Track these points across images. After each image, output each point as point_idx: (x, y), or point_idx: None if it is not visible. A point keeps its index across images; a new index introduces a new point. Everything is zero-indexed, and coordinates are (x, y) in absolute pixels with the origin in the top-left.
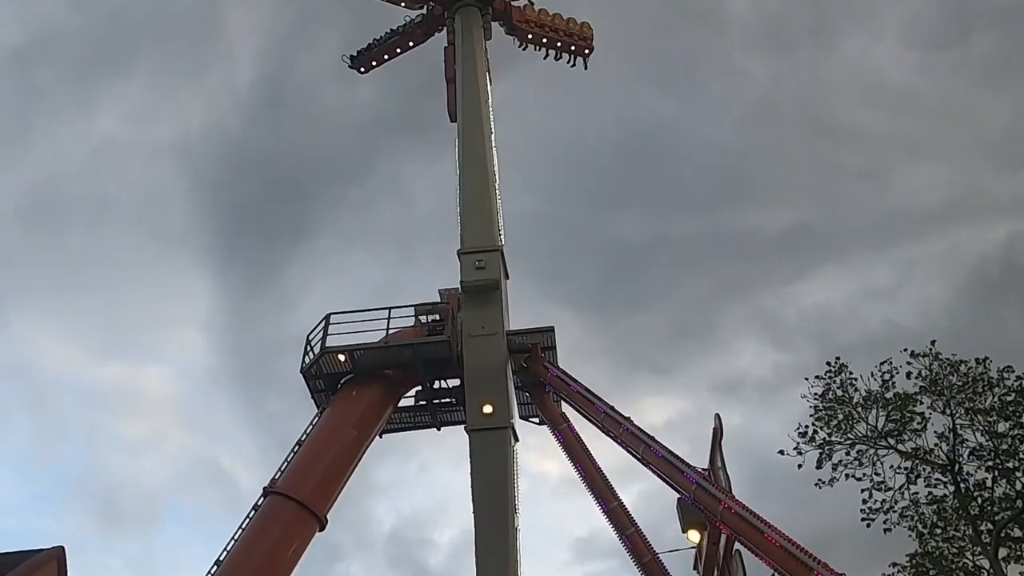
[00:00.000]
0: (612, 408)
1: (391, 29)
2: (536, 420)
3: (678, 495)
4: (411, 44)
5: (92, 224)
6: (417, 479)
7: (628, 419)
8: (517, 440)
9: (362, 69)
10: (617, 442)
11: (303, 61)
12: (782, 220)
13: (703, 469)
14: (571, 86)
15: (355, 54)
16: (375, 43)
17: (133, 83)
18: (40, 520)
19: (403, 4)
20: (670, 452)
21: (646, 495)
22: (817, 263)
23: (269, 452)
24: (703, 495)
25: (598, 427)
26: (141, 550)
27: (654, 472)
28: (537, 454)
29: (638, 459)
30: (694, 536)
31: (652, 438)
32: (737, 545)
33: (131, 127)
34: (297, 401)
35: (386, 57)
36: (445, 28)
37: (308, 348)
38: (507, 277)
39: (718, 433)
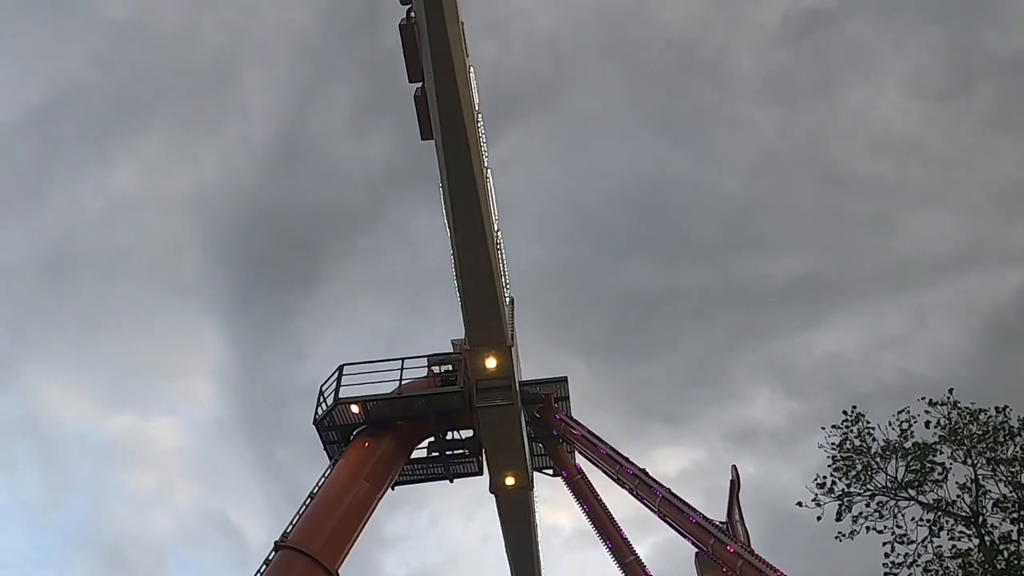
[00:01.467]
0: (627, 459)
1: None
2: (550, 472)
3: (696, 549)
4: None
5: (107, 276)
6: (427, 532)
7: (643, 471)
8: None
9: None
10: (633, 495)
11: (316, 116)
12: (792, 269)
13: (721, 522)
14: (579, 138)
15: None
16: None
17: (151, 138)
18: (46, 570)
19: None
20: (685, 504)
21: (661, 547)
22: (828, 311)
23: (277, 504)
24: (721, 549)
25: (613, 479)
26: None
27: (671, 526)
28: (549, 505)
29: (654, 512)
30: None
31: (669, 491)
32: None
33: (148, 181)
34: (307, 452)
35: None
36: None
37: (321, 399)
38: (514, 336)
39: (735, 485)
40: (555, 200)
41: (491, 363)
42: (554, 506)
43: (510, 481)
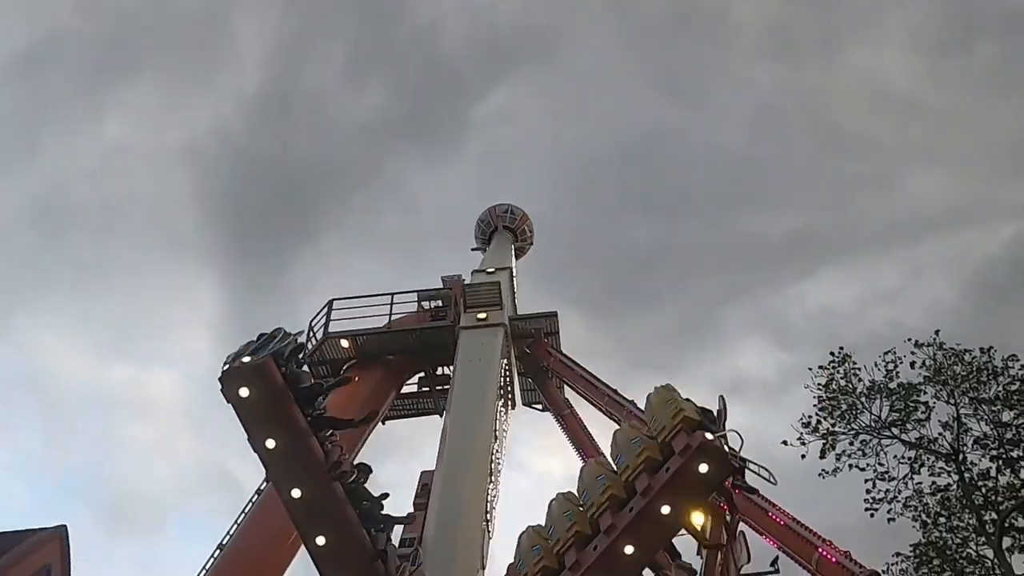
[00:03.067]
0: (615, 392)
1: None
2: (539, 407)
3: None
4: None
5: (101, 229)
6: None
7: (632, 402)
8: (514, 407)
9: None
10: (620, 424)
11: (309, 67)
12: (788, 224)
13: None
14: (579, 93)
15: None
16: None
17: (142, 89)
18: (48, 523)
19: None
20: None
21: None
22: (823, 265)
23: None
24: None
25: (601, 410)
26: (148, 553)
27: None
28: (541, 453)
29: None
30: (698, 518)
31: None
32: (742, 527)
33: (140, 132)
34: None
35: None
36: None
37: (311, 334)
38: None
39: (722, 414)
40: (553, 154)
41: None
42: (546, 453)
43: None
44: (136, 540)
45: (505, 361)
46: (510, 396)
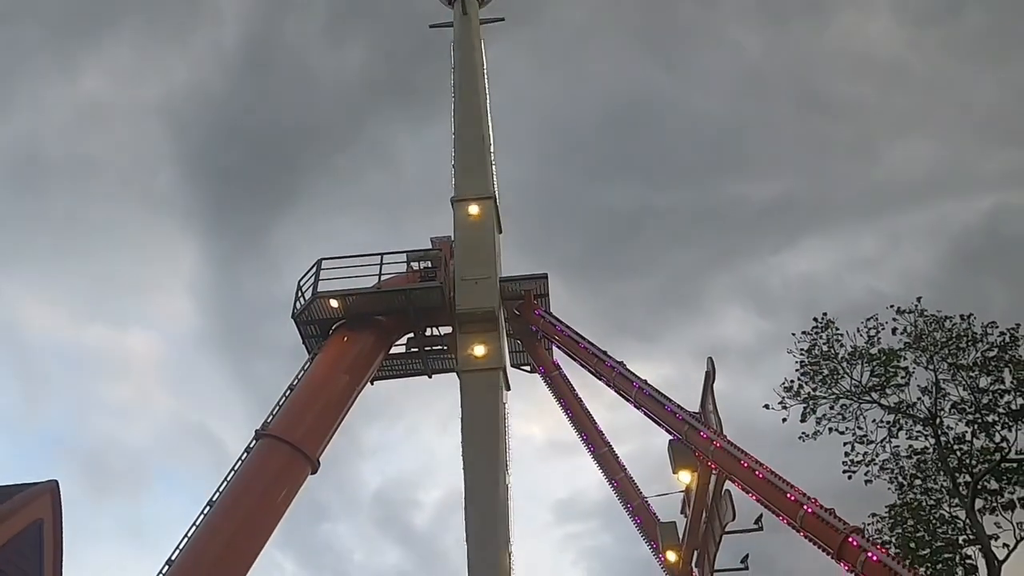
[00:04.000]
0: (604, 353)
1: None
2: (527, 368)
3: (670, 437)
4: None
5: (77, 187)
6: (403, 442)
7: (621, 363)
8: (509, 388)
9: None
10: (610, 386)
11: (291, 23)
12: (770, 191)
13: (694, 412)
14: (563, 55)
15: None
16: None
17: (118, 43)
18: (27, 480)
19: None
20: (661, 394)
21: (630, 458)
22: (804, 233)
23: (256, 415)
24: (694, 435)
25: (590, 371)
26: (130, 511)
27: (646, 414)
28: (522, 419)
29: (630, 401)
30: (685, 477)
31: (645, 382)
32: (727, 485)
33: (116, 88)
34: (285, 363)
35: None
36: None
37: (299, 293)
38: (500, 231)
39: (710, 377)
40: (535, 116)
41: (474, 209)
42: (527, 419)
43: (480, 351)
44: (118, 498)
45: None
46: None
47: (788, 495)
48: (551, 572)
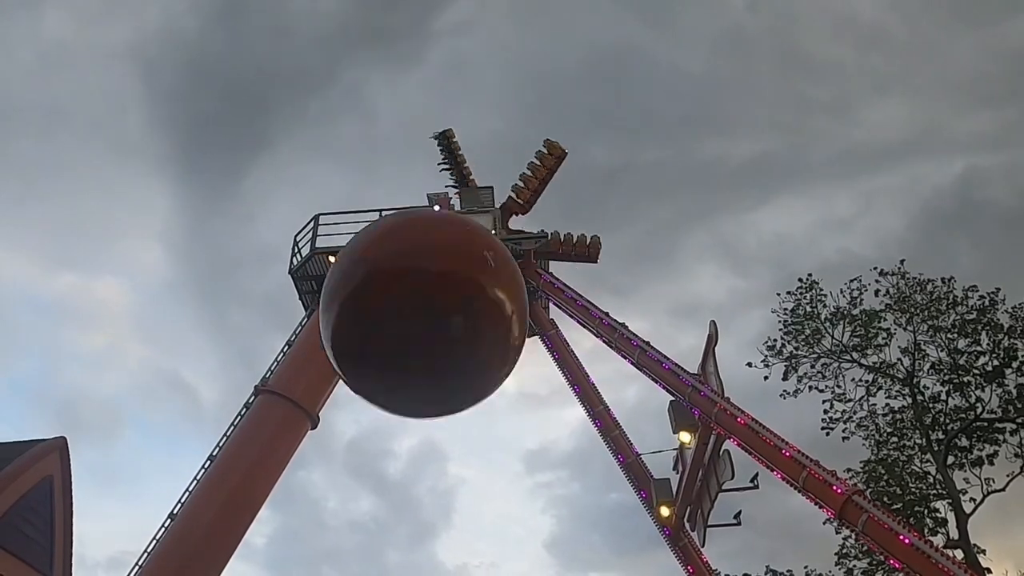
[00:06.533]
0: (607, 315)
1: None
2: None
3: (672, 397)
4: None
5: (44, 131)
6: None
7: (623, 325)
8: None
9: None
10: (612, 347)
11: None
12: (748, 149)
13: (694, 373)
14: (542, 7)
15: None
16: None
17: None
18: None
19: None
20: (664, 356)
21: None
22: (779, 192)
23: (231, 364)
24: (698, 397)
25: (593, 332)
26: (103, 460)
27: (648, 376)
28: None
29: (633, 363)
30: (686, 437)
31: (647, 343)
32: (726, 445)
33: (82, 28)
34: (259, 313)
35: None
36: None
37: (296, 249)
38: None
39: (713, 339)
40: (514, 69)
41: None
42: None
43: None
44: (90, 446)
45: None
46: None
47: (786, 453)
48: (522, 519)
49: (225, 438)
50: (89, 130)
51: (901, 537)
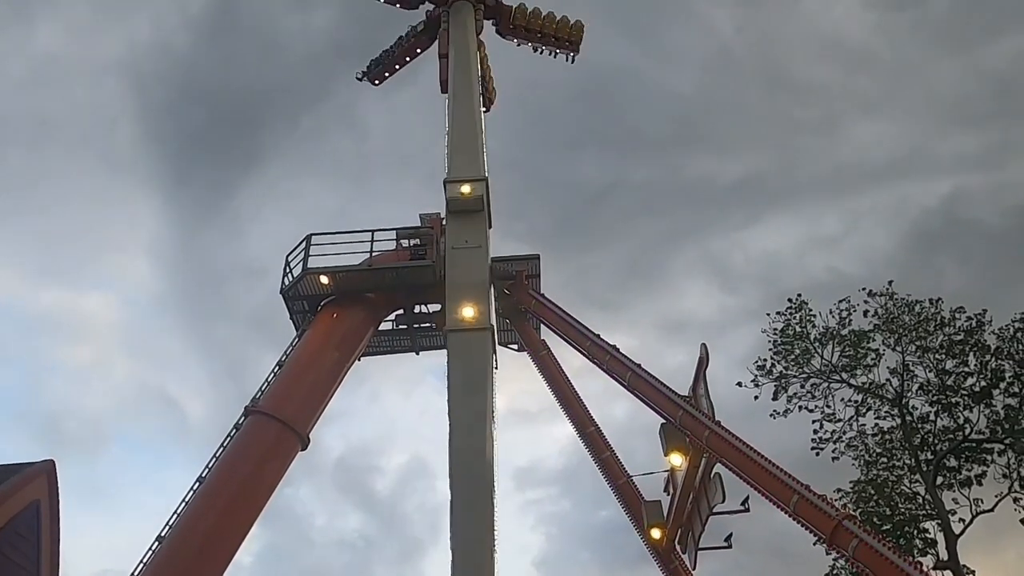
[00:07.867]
0: (599, 336)
1: (399, 37)
2: (515, 347)
3: (662, 420)
4: (418, 51)
5: (33, 144)
6: (366, 408)
7: (614, 347)
8: (495, 351)
9: (376, 82)
10: (603, 369)
11: None
12: (736, 169)
13: (685, 396)
14: None
15: (366, 68)
16: (384, 55)
17: None
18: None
19: (399, 5)
20: (655, 379)
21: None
22: (768, 211)
23: (218, 380)
24: (689, 420)
25: (584, 354)
26: (87, 475)
27: (639, 398)
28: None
29: (624, 386)
30: (676, 460)
31: (638, 365)
32: (717, 468)
33: (74, 41)
34: (247, 328)
35: (397, 67)
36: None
37: (288, 269)
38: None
39: (703, 362)
40: (505, 87)
41: (466, 189)
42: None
43: (468, 313)
44: (74, 461)
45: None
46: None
47: (781, 481)
48: (511, 536)
49: (215, 459)
50: (79, 144)
51: (891, 563)
